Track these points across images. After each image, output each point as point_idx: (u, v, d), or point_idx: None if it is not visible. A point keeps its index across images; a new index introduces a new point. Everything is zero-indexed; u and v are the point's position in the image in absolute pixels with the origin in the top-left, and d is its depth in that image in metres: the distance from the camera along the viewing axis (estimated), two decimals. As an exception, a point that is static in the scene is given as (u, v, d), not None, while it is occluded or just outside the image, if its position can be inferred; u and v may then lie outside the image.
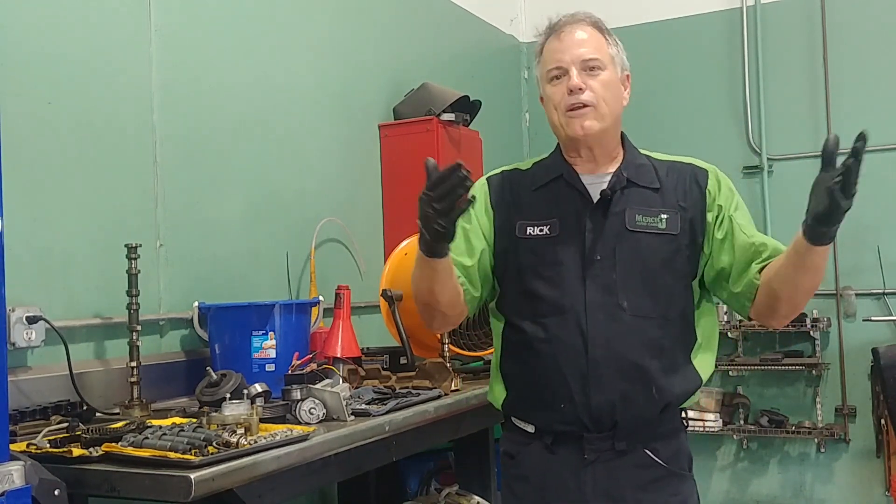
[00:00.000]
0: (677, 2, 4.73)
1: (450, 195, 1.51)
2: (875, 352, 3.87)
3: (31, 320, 2.15)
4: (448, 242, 1.62)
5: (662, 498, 1.77)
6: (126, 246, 2.28)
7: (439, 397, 2.46)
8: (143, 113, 2.59)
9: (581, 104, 1.76)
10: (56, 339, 2.18)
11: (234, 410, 1.89)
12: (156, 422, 1.95)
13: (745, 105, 4.57)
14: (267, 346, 2.48)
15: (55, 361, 2.20)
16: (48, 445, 1.77)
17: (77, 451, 1.74)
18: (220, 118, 2.87)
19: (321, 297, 2.82)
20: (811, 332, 4.25)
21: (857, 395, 4.31)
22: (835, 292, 4.32)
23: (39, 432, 1.87)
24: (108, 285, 2.38)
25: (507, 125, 4.84)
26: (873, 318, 4.20)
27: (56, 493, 1.54)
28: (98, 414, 2.16)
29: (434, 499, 3.04)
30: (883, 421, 4.05)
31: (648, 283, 1.76)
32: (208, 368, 2.31)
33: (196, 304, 2.60)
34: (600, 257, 1.75)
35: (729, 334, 4.34)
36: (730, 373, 4.44)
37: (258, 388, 2.12)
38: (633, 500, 1.76)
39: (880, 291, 4.25)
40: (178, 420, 2.01)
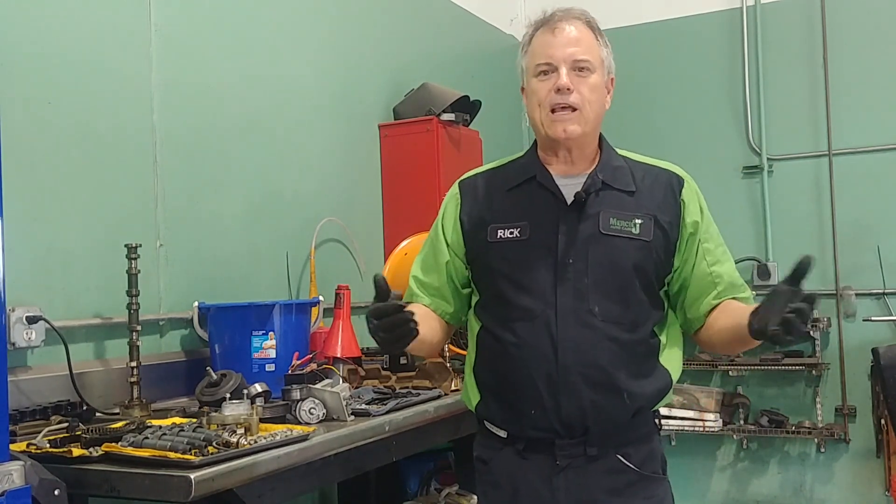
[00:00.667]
0: (677, 2, 4.72)
1: (394, 329, 1.52)
2: (875, 352, 3.86)
3: (31, 320, 2.15)
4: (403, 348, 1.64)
5: (636, 502, 1.75)
6: (126, 246, 2.28)
7: (439, 397, 2.46)
8: (143, 113, 2.59)
9: (567, 106, 1.72)
10: (56, 339, 2.18)
11: (234, 410, 1.89)
12: (156, 422, 1.95)
13: (745, 105, 4.56)
14: (267, 346, 2.48)
15: (55, 361, 2.20)
16: (48, 445, 1.77)
17: (77, 451, 1.74)
18: (220, 118, 2.87)
19: (321, 297, 2.82)
20: (811, 332, 4.23)
21: (857, 395, 4.30)
22: (835, 292, 4.32)
23: (39, 432, 1.87)
24: (108, 285, 2.39)
25: (507, 125, 4.83)
26: (873, 318, 4.19)
27: (56, 493, 1.54)
28: (98, 414, 2.16)
29: (434, 499, 3.04)
30: (883, 421, 4.05)
31: (620, 289, 1.73)
32: (208, 368, 2.31)
33: (196, 304, 2.60)
34: (573, 261, 1.72)
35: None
36: (730, 373, 4.43)
37: (258, 388, 2.13)
38: None
39: (880, 291, 4.24)
40: (178, 420, 2.01)
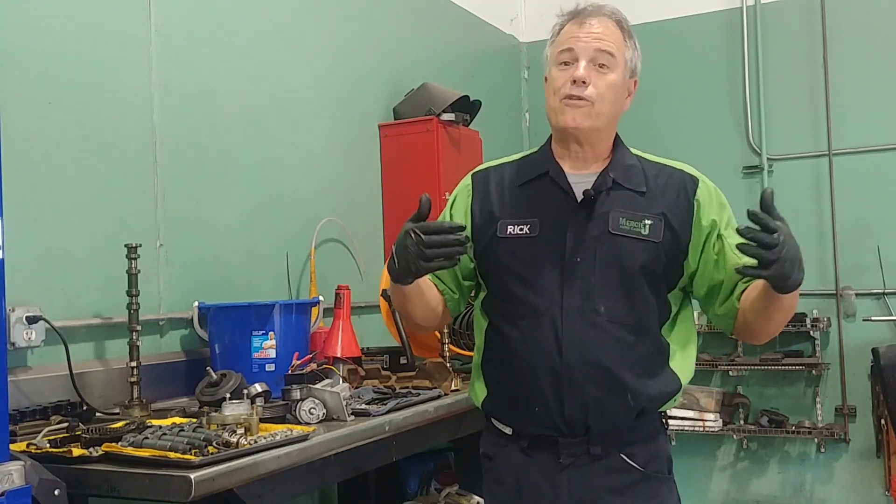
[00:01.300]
0: (677, 2, 4.73)
1: (440, 249, 1.54)
2: (875, 352, 3.87)
3: (31, 320, 2.15)
4: (414, 280, 1.65)
5: (639, 502, 1.75)
6: (126, 246, 2.28)
7: (439, 397, 2.46)
8: (143, 113, 2.59)
9: (580, 97, 1.72)
10: (56, 339, 2.18)
11: (234, 410, 1.89)
12: (156, 422, 1.95)
13: (745, 105, 4.56)
14: (267, 346, 2.48)
15: (55, 361, 2.20)
16: (48, 445, 1.77)
17: (77, 451, 1.74)
18: (220, 118, 2.87)
19: (321, 297, 2.82)
20: (811, 332, 4.24)
21: (857, 395, 4.30)
22: (835, 292, 4.32)
23: (39, 432, 1.87)
24: (108, 285, 2.39)
25: (507, 125, 4.83)
26: (873, 318, 4.19)
27: (56, 493, 1.53)
28: (98, 414, 2.16)
29: (434, 499, 3.04)
30: (883, 421, 4.05)
31: (626, 289, 1.72)
32: (208, 368, 2.31)
33: (196, 304, 2.60)
34: (580, 259, 1.72)
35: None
36: (730, 373, 4.43)
37: (258, 388, 2.12)
38: None
39: (880, 291, 4.24)
40: (178, 420, 2.01)
